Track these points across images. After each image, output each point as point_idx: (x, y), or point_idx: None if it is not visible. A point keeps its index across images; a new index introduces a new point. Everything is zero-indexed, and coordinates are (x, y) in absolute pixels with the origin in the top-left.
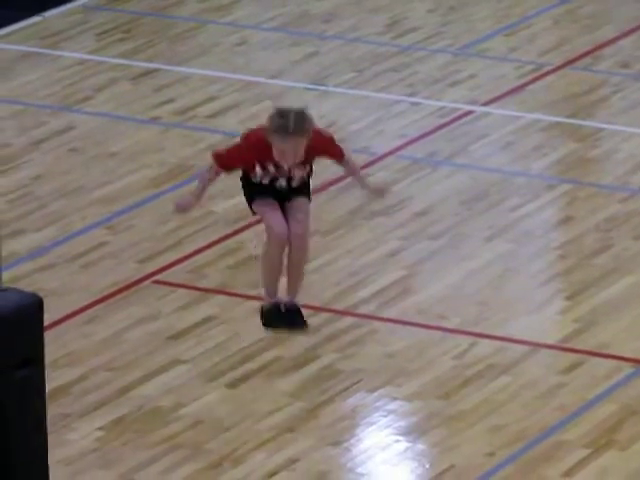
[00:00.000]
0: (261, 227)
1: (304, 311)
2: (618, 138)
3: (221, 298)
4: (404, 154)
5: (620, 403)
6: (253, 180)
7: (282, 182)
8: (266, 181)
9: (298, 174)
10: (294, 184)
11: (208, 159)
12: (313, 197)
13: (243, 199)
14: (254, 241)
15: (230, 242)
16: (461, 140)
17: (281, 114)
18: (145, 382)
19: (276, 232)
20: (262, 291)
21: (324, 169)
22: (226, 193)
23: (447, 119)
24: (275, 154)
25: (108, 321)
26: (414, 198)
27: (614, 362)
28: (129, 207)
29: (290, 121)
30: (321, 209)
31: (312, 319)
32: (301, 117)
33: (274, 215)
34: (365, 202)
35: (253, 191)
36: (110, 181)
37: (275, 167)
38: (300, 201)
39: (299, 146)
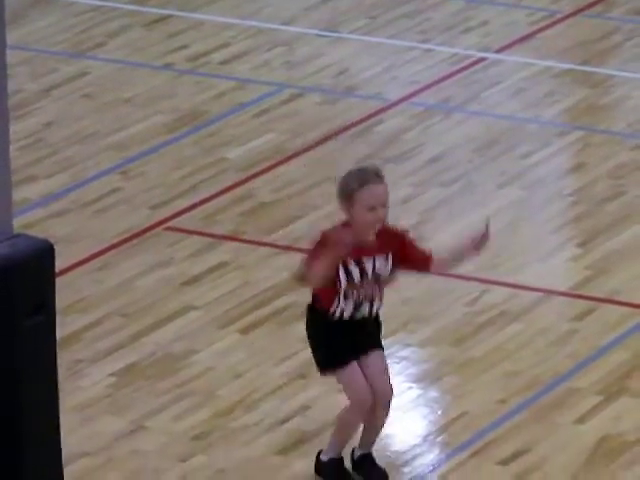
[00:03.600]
0: None
1: None
2: (630, 85)
3: (233, 245)
4: (417, 101)
5: (632, 350)
6: (332, 317)
7: (365, 308)
8: (347, 313)
9: (383, 271)
10: (375, 306)
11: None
12: (324, 145)
13: (255, 145)
14: None
15: (242, 189)
16: (473, 87)
17: (358, 170)
18: (157, 328)
19: (362, 399)
20: (327, 446)
21: (335, 116)
22: (239, 140)
23: (460, 66)
24: (363, 219)
25: (120, 267)
26: (426, 145)
27: (626, 309)
28: (142, 153)
29: (370, 171)
30: (333, 156)
31: None
32: (375, 167)
33: (359, 381)
34: (377, 149)
35: (331, 345)
36: (123, 127)
37: (357, 264)
38: (378, 356)
39: (387, 197)
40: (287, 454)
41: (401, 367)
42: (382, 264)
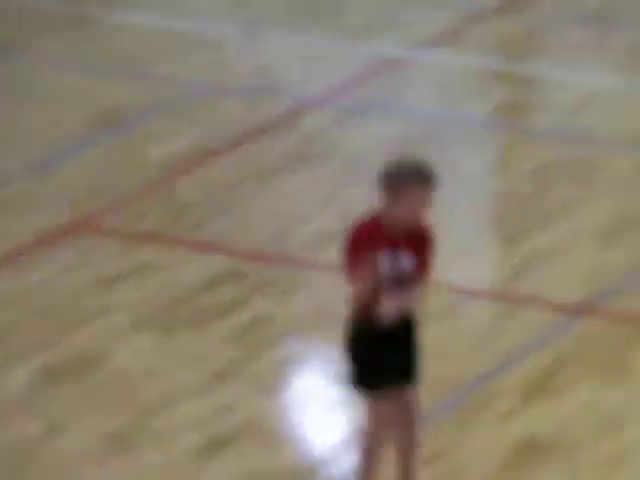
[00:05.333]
0: None
1: None
2: (554, 83)
3: (156, 244)
4: (338, 100)
5: (555, 351)
6: (380, 321)
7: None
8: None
9: (408, 269)
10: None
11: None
12: (246, 144)
13: (178, 144)
14: None
15: (165, 188)
16: (396, 86)
17: (411, 165)
18: (79, 328)
19: (381, 435)
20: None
21: (256, 115)
22: (162, 139)
23: (381, 65)
24: (404, 216)
25: (41, 267)
26: (347, 144)
27: (549, 310)
28: (64, 152)
29: (423, 168)
30: (256, 153)
31: (245, 265)
32: (427, 165)
33: (388, 419)
34: (298, 147)
35: (376, 365)
36: (45, 126)
37: (390, 257)
38: (413, 393)
39: (431, 198)
40: (206, 456)
41: (322, 368)
42: (408, 262)
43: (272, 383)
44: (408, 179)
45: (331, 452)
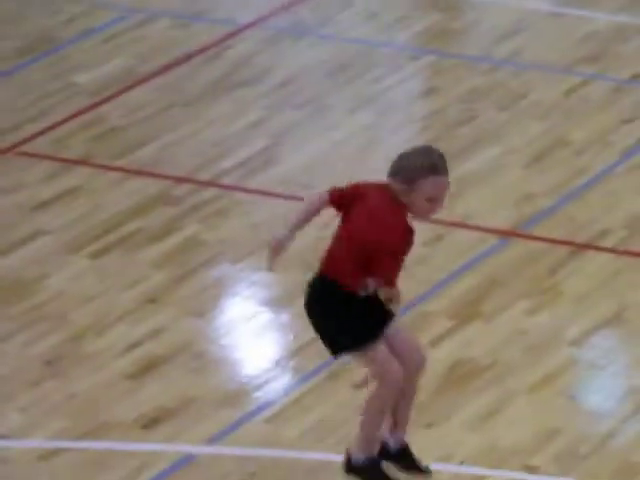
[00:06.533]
0: None
1: None
2: (482, 9)
3: (84, 169)
4: (267, 24)
5: (484, 274)
6: (360, 295)
7: None
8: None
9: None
10: None
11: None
12: (175, 69)
13: (105, 69)
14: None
15: (92, 113)
16: (326, 10)
17: (427, 154)
18: (8, 253)
19: (396, 377)
20: (358, 443)
21: (184, 41)
22: (88, 64)
23: None
24: (419, 207)
25: None
26: (278, 68)
27: (478, 233)
28: None
29: (439, 158)
30: (183, 80)
31: (175, 190)
32: (442, 154)
33: (390, 357)
34: (228, 72)
35: (363, 320)
36: None
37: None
38: (398, 324)
39: (448, 190)
40: (138, 378)
41: (252, 291)
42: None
43: (203, 307)
44: (422, 173)
45: (262, 375)
